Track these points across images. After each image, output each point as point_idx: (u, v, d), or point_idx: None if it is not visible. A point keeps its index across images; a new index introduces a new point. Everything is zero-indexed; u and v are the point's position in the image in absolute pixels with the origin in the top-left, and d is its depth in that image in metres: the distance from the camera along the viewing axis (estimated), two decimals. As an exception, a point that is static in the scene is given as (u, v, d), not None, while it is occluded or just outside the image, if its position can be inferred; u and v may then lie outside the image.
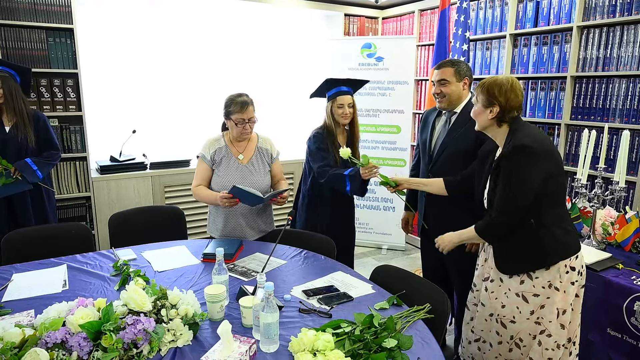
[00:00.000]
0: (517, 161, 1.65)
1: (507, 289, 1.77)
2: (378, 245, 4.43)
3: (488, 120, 1.76)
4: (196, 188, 2.42)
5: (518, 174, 1.65)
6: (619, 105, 2.84)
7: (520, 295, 1.74)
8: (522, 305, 1.74)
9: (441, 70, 2.23)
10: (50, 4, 3.16)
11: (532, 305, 1.73)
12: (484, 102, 1.75)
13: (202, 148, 2.43)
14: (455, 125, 2.25)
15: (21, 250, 2.21)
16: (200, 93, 4.10)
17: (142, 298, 1.44)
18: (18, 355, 1.23)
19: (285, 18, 4.47)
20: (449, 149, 2.24)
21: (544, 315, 1.72)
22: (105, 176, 3.47)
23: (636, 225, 2.24)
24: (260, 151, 2.45)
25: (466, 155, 2.17)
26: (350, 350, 1.32)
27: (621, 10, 2.77)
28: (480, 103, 1.77)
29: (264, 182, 2.42)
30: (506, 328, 1.78)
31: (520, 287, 1.74)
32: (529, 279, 1.72)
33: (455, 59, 2.33)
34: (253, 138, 2.47)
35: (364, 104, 4.23)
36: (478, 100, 1.78)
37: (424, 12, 4.25)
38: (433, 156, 2.32)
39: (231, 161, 2.39)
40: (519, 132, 1.71)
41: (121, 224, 2.57)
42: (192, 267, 2.04)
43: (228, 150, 2.40)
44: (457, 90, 2.21)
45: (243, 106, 2.29)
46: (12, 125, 2.67)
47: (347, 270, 2.03)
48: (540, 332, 1.73)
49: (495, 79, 1.76)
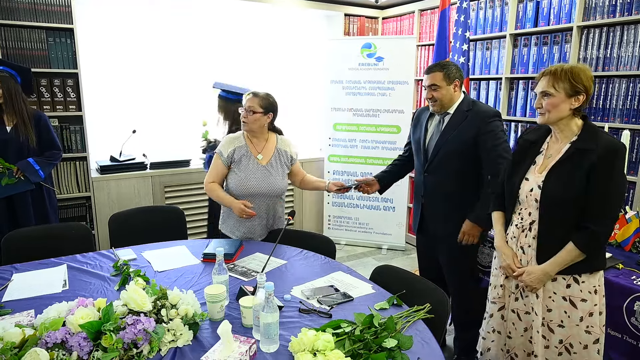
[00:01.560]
0: (620, 167, 1.55)
1: (551, 292, 1.68)
2: (378, 245, 4.43)
3: (568, 110, 1.61)
4: (211, 184, 2.41)
5: (621, 181, 1.56)
6: (619, 105, 2.84)
7: (567, 299, 1.66)
8: (570, 310, 1.66)
9: (431, 75, 2.22)
10: (50, 4, 3.16)
11: (581, 311, 1.65)
12: (568, 90, 1.59)
13: (220, 145, 2.43)
14: (448, 127, 2.25)
15: (21, 250, 2.21)
16: (200, 93, 4.10)
17: (142, 298, 1.44)
18: (18, 355, 1.23)
19: (285, 18, 4.47)
20: (444, 149, 2.24)
21: (594, 323, 1.65)
22: (105, 176, 3.47)
23: (636, 225, 2.24)
24: (280, 152, 2.45)
25: (462, 155, 2.19)
26: (350, 350, 1.32)
27: (621, 10, 2.77)
28: (562, 92, 1.60)
29: (282, 184, 2.42)
30: (554, 333, 1.69)
31: (568, 291, 1.65)
32: (575, 283, 1.64)
33: (444, 61, 2.31)
34: (272, 139, 2.46)
35: (364, 104, 4.23)
36: (557, 89, 1.60)
37: (424, 12, 4.25)
38: (428, 156, 2.32)
39: (250, 161, 2.38)
40: (600, 130, 1.60)
41: (121, 224, 2.58)
42: (192, 267, 2.04)
43: (248, 149, 2.39)
44: (447, 94, 2.21)
45: (248, 95, 2.35)
46: (13, 125, 2.67)
47: (347, 270, 2.03)
48: (593, 341, 1.66)
49: (573, 65, 1.61)
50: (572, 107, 1.61)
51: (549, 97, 1.62)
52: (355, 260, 4.12)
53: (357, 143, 4.33)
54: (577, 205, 1.60)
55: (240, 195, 2.37)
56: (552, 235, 1.65)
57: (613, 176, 1.55)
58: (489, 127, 2.15)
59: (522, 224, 1.75)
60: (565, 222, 1.63)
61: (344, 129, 4.34)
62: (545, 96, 1.63)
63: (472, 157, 2.20)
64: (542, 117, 1.66)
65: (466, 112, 2.22)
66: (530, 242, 1.72)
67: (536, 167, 1.73)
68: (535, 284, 1.66)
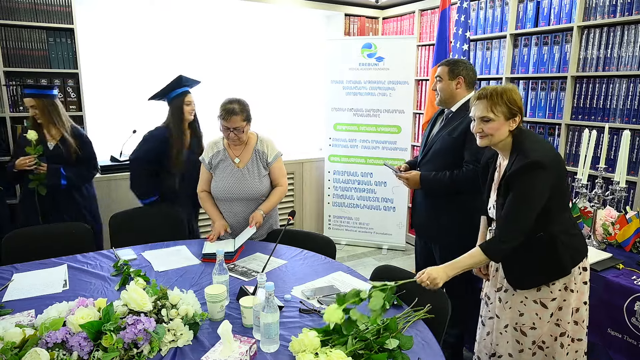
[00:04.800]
0: (527, 181, 1.58)
1: (523, 297, 1.72)
2: (378, 245, 4.43)
3: (507, 132, 1.66)
4: (202, 194, 2.46)
5: (528, 195, 1.59)
6: (620, 105, 2.84)
7: (538, 302, 1.70)
8: (541, 311, 1.70)
9: (439, 67, 2.31)
10: (50, 4, 3.16)
11: (551, 308, 1.69)
12: (507, 113, 1.63)
13: (203, 151, 2.44)
14: (446, 124, 2.31)
15: (21, 250, 2.21)
16: (200, 93, 4.09)
17: (143, 298, 1.44)
18: (18, 355, 1.23)
19: (286, 18, 4.47)
20: (436, 145, 2.32)
21: (562, 317, 1.69)
22: (105, 176, 3.47)
23: (637, 225, 2.24)
24: (257, 154, 2.39)
25: (450, 153, 2.25)
26: (352, 351, 1.32)
27: (621, 10, 2.77)
28: (501, 116, 1.63)
29: (259, 187, 2.37)
30: (527, 335, 1.73)
31: (538, 294, 1.69)
32: (545, 286, 1.68)
33: (457, 58, 2.35)
34: (251, 140, 2.42)
35: (364, 104, 4.23)
36: (496, 113, 1.63)
37: (424, 12, 4.25)
38: (424, 152, 2.41)
39: (227, 165, 2.37)
40: (524, 143, 1.63)
41: (121, 224, 2.58)
42: (193, 267, 2.04)
43: (225, 153, 2.39)
44: (447, 88, 2.26)
45: (227, 115, 2.21)
46: (57, 142, 2.65)
47: (348, 270, 2.03)
48: (560, 334, 1.70)
49: (504, 88, 1.65)
50: (510, 129, 1.66)
51: (490, 122, 1.66)
52: (356, 261, 4.12)
53: (358, 143, 4.33)
54: None
55: (220, 199, 2.40)
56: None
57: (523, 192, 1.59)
58: None
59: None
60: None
61: (345, 129, 4.34)
62: (485, 121, 1.66)
63: (459, 155, 2.24)
64: (483, 140, 1.70)
65: (466, 112, 2.23)
66: None
67: (494, 184, 1.80)
68: (435, 282, 1.65)
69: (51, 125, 2.64)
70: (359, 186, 4.38)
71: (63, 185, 2.64)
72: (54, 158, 2.62)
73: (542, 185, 1.59)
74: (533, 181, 1.58)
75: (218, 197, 2.40)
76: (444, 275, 1.66)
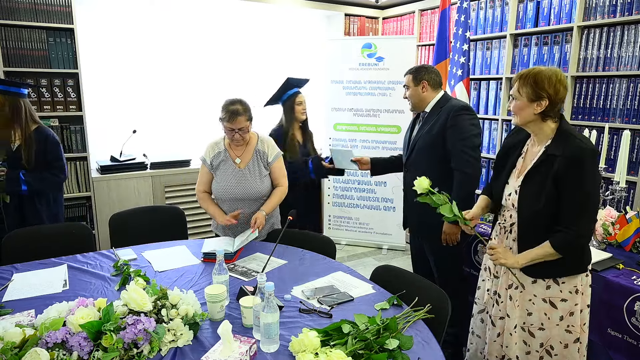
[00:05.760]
0: (587, 171, 1.53)
1: (531, 295, 1.70)
2: (378, 245, 4.43)
3: (533, 114, 1.63)
4: (201, 194, 2.45)
5: (588, 186, 1.54)
6: (620, 105, 2.84)
7: (547, 300, 1.68)
8: (550, 311, 1.68)
9: (405, 76, 2.45)
10: (50, 4, 3.16)
11: (561, 310, 1.67)
12: (530, 95, 1.61)
13: (203, 151, 2.43)
14: (423, 124, 2.40)
15: (21, 250, 2.21)
16: (200, 93, 4.10)
17: (143, 298, 1.44)
18: (18, 355, 1.23)
19: (286, 18, 4.47)
20: (418, 144, 2.39)
21: (574, 322, 1.67)
22: (105, 176, 3.47)
23: (637, 225, 2.24)
24: (258, 154, 2.40)
25: (432, 149, 2.30)
26: (352, 351, 1.32)
27: (621, 10, 2.77)
28: (524, 97, 1.62)
29: (260, 187, 2.37)
30: (535, 337, 1.71)
31: (547, 293, 1.68)
32: (555, 284, 1.67)
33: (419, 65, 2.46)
34: (252, 140, 2.43)
35: (364, 104, 4.23)
36: (521, 93, 1.63)
37: (424, 12, 4.25)
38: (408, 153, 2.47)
39: (228, 165, 2.37)
40: (573, 134, 1.59)
41: (121, 224, 2.58)
42: (193, 267, 2.04)
43: (227, 154, 2.39)
44: (415, 94, 2.39)
45: (232, 116, 2.22)
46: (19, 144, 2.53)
47: (348, 270, 2.03)
48: (574, 341, 1.68)
49: (540, 70, 1.61)
50: (535, 112, 1.62)
51: (515, 101, 1.67)
52: (356, 260, 4.12)
53: (358, 143, 4.33)
54: (550, 213, 1.62)
55: (222, 200, 2.40)
56: (531, 238, 1.68)
57: (582, 183, 1.55)
58: (454, 120, 2.24)
59: (504, 224, 1.81)
60: (542, 226, 1.65)
61: (345, 129, 4.34)
62: (513, 99, 1.68)
63: (442, 152, 2.28)
64: (513, 118, 1.71)
65: (440, 109, 2.34)
66: (510, 244, 1.77)
67: (516, 170, 1.77)
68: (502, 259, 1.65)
69: (16, 125, 2.52)
70: (359, 186, 4.38)
71: (24, 191, 2.52)
72: (15, 161, 2.51)
73: (598, 176, 1.59)
74: (594, 170, 1.57)
75: (219, 197, 2.40)
76: (514, 261, 1.65)
